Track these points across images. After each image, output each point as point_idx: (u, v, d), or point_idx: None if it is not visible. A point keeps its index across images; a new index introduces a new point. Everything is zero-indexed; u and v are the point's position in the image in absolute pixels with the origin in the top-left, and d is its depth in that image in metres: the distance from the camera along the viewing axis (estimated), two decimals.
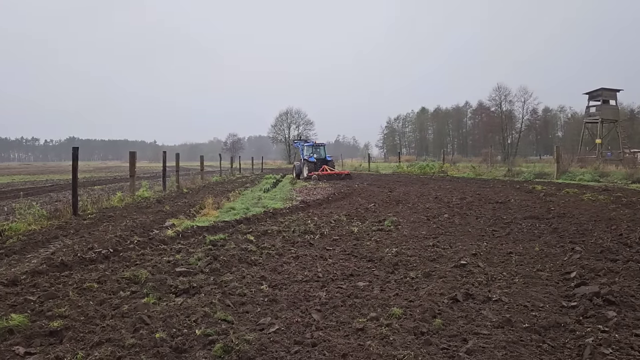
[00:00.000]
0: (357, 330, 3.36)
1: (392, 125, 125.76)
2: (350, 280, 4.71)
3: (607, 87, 47.58)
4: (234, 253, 5.77)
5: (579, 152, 42.51)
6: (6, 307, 3.77)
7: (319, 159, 27.84)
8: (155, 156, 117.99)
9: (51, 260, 5.29)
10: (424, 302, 3.85)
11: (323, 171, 25.74)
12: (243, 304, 3.98)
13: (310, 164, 27.14)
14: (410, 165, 36.46)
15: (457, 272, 4.89)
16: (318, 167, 26.69)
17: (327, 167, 26.73)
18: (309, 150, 28.92)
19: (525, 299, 3.97)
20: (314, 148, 29.38)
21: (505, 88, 79.78)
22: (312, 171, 26.11)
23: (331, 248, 6.35)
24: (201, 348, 3.05)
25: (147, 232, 7.58)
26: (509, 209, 9.77)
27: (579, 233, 6.81)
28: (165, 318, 3.52)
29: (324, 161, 27.85)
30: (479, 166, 29.65)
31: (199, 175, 23.36)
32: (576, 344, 3.04)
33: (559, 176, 20.23)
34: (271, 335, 3.24)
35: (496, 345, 3.03)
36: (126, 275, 4.67)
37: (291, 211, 10.25)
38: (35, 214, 8.61)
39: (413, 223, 8.28)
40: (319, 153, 28.95)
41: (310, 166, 26.95)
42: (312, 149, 29.22)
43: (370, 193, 14.90)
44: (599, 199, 10.91)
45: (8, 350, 3.02)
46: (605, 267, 4.74)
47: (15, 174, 38.33)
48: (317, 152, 28.93)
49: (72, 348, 3.02)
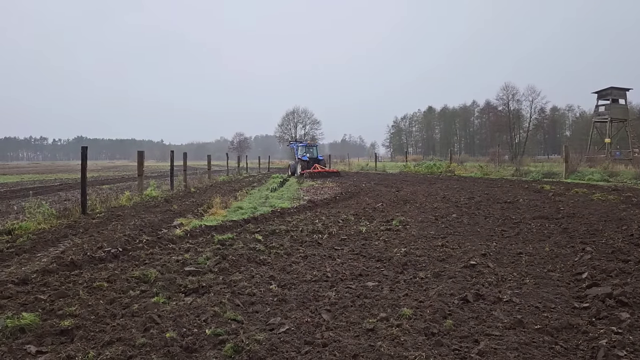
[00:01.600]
0: (367, 330, 3.34)
1: (398, 125, 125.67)
2: (360, 280, 4.70)
3: (616, 86, 47.17)
4: (242, 252, 5.77)
5: (587, 151, 42.09)
6: (17, 306, 3.78)
7: (312, 158, 30.77)
8: (163, 155, 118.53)
9: (61, 259, 5.32)
10: (434, 303, 3.83)
11: (314, 169, 27.77)
12: (252, 304, 3.97)
13: (304, 162, 30.01)
14: (417, 165, 36.38)
15: (467, 273, 4.86)
16: (310, 165, 29.24)
17: (319, 166, 29.02)
18: (303, 150, 32.27)
19: (536, 300, 3.94)
20: (307, 148, 32.81)
21: (513, 87, 79.20)
22: (304, 169, 28.46)
23: (340, 248, 6.33)
24: (211, 348, 3.05)
25: (156, 232, 7.60)
26: (518, 209, 9.71)
27: (590, 233, 6.75)
28: (175, 317, 3.53)
29: (316, 160, 30.66)
30: (487, 166, 29.50)
31: (206, 175, 23.42)
32: (589, 345, 3.01)
33: (568, 176, 20.07)
34: (281, 335, 3.23)
35: (508, 347, 3.00)
36: (136, 275, 4.69)
37: (299, 211, 10.25)
38: (45, 213, 8.66)
39: (421, 223, 8.25)
40: (312, 153, 32.32)
41: (303, 164, 29.68)
42: (305, 149, 32.63)
43: (378, 192, 14.86)
44: (608, 198, 10.82)
45: (20, 349, 3.03)
46: (617, 268, 4.68)
47: (24, 173, 38.59)
48: (310, 152, 32.25)
49: (83, 347, 3.03)
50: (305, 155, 31.19)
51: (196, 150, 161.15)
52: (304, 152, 32.10)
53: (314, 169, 27.96)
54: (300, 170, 28.58)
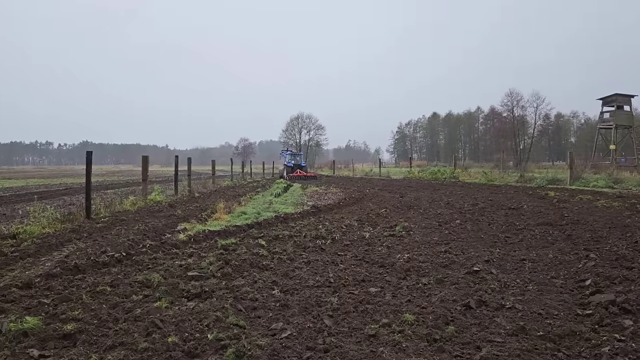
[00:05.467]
0: (369, 336, 3.34)
1: (403, 131, 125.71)
2: (362, 286, 4.69)
3: (621, 93, 47.14)
4: (245, 257, 5.78)
5: (592, 158, 42.03)
6: (21, 310, 3.80)
7: (296, 165, 37.46)
8: (167, 160, 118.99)
9: (65, 264, 5.34)
10: (437, 309, 3.82)
11: (296, 174, 34.16)
12: (255, 309, 3.98)
13: (288, 168, 36.55)
14: (422, 171, 36.28)
15: (470, 279, 4.85)
16: (294, 171, 35.46)
17: (300, 171, 35.67)
18: (289, 157, 39.40)
19: (539, 307, 3.93)
20: (292, 156, 40.09)
21: (518, 93, 79.43)
22: (289, 173, 34.90)
23: (343, 253, 6.33)
24: (213, 353, 3.05)
25: (160, 236, 7.61)
26: (522, 215, 9.69)
27: (594, 240, 6.72)
28: (178, 322, 3.54)
29: (299, 166, 37.55)
30: (491, 172, 29.48)
31: (210, 180, 23.48)
32: (592, 352, 3.00)
33: (573, 182, 20.00)
34: (283, 341, 3.23)
35: (510, 354, 3.00)
36: (139, 279, 4.70)
37: (302, 216, 10.26)
38: (50, 217, 8.69)
39: (425, 229, 8.24)
40: (296, 160, 39.43)
41: (288, 169, 36.13)
42: (291, 156, 39.86)
43: (382, 198, 14.86)
44: (613, 205, 10.78)
45: (23, 353, 3.04)
46: (620, 275, 4.66)
47: (29, 178, 38.80)
48: (295, 159, 39.19)
49: (86, 351, 3.04)
50: (291, 162, 37.70)
51: (200, 155, 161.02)
52: (290, 159, 38.98)
53: (296, 173, 34.33)
54: (286, 174, 34.79)
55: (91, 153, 10.54)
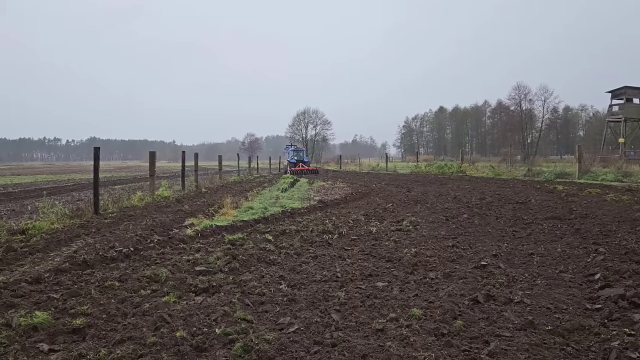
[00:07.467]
0: (376, 330, 3.33)
1: (409, 125, 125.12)
2: (369, 281, 4.69)
3: (630, 85, 46.59)
4: (252, 252, 5.79)
5: (601, 151, 41.60)
6: (30, 305, 3.83)
7: (298, 160, 38.33)
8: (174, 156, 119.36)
9: (74, 259, 5.38)
10: (444, 303, 3.81)
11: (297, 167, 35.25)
12: (262, 304, 3.99)
13: (291, 163, 37.60)
14: (429, 165, 36.15)
15: (478, 273, 4.83)
16: (296, 165, 36.33)
17: (302, 165, 36.75)
18: (292, 153, 40.64)
19: (548, 301, 3.90)
20: (295, 152, 41.28)
21: (525, 87, 78.72)
22: (291, 167, 35.93)
23: (350, 248, 6.33)
24: (221, 347, 3.06)
25: (167, 231, 7.65)
26: (530, 210, 9.63)
27: (602, 234, 6.67)
28: (186, 317, 3.55)
29: (301, 161, 38.31)
30: (498, 166, 29.25)
31: (217, 175, 23.56)
32: (601, 347, 2.98)
33: (581, 176, 19.84)
34: (291, 335, 3.24)
35: (519, 348, 2.98)
36: (147, 274, 4.73)
37: (309, 211, 10.26)
38: (58, 213, 8.76)
39: (432, 223, 8.21)
40: (299, 155, 40.18)
41: (290, 165, 37.32)
42: (294, 152, 41.03)
43: (388, 193, 14.82)
44: (622, 199, 10.68)
45: (33, 347, 3.07)
46: (630, 269, 4.62)
47: (38, 174, 39.10)
48: (297, 155, 40.17)
49: (95, 345, 3.06)
50: (293, 158, 38.88)
51: (207, 150, 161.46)
52: (293, 155, 40.16)
53: (298, 167, 35.59)
54: (289, 169, 36.23)
55: (99, 149, 10.59)
